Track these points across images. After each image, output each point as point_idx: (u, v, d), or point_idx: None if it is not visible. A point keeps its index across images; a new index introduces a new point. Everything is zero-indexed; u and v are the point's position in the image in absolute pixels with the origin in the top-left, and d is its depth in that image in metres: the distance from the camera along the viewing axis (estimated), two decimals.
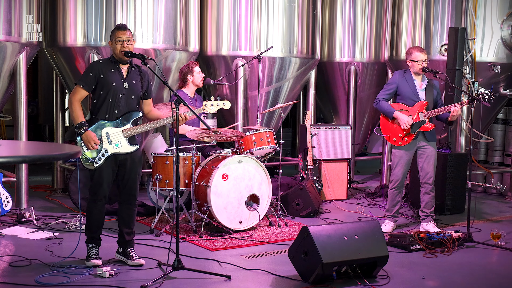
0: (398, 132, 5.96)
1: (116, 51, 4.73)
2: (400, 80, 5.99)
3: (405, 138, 5.94)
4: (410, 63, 5.97)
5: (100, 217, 4.86)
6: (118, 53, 4.71)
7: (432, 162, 5.98)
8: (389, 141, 6.07)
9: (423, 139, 5.98)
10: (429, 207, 6.06)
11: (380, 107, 6.00)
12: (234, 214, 5.83)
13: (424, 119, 5.90)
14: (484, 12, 7.61)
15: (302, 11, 8.14)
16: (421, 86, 5.99)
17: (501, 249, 5.56)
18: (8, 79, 6.66)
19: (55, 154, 3.77)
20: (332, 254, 4.37)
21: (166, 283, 4.38)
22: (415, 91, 5.96)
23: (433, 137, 6.01)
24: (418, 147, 6.00)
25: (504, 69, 7.66)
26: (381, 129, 6.07)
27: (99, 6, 6.90)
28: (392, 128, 6.00)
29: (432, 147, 6.00)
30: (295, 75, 8.28)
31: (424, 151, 5.99)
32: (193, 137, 6.05)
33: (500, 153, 8.64)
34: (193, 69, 6.69)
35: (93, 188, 4.79)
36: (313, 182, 6.98)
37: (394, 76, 6.07)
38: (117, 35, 4.73)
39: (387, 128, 6.04)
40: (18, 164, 6.55)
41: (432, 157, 5.98)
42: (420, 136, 5.97)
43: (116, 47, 4.72)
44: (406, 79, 5.98)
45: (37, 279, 4.39)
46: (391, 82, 6.06)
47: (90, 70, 4.71)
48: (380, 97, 6.03)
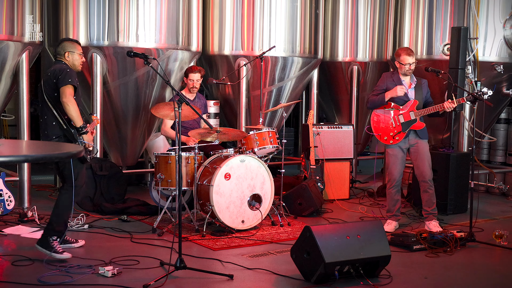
0: (389, 131, 6.00)
1: (78, 63, 5.11)
2: (389, 82, 6.03)
3: (396, 137, 5.98)
4: (398, 65, 6.02)
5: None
6: (79, 65, 5.12)
7: (426, 159, 5.99)
8: (380, 140, 6.11)
9: (415, 137, 6.01)
10: (430, 205, 6.06)
11: (371, 102, 6.05)
12: (236, 214, 5.83)
13: (415, 117, 5.93)
14: (486, 12, 7.60)
15: (304, 11, 8.14)
16: (410, 86, 6.02)
17: (504, 248, 5.55)
18: (11, 79, 6.67)
19: (58, 154, 3.77)
20: (335, 253, 4.37)
21: (169, 282, 4.38)
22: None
23: (425, 135, 6.03)
24: (411, 145, 6.03)
25: (507, 68, 7.65)
26: (372, 128, 6.11)
27: (102, 5, 6.90)
28: (382, 127, 6.04)
29: (424, 145, 6.02)
30: (298, 74, 8.28)
31: (416, 149, 6.02)
32: (195, 137, 6.05)
33: (503, 152, 8.63)
34: (189, 73, 6.66)
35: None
36: (315, 181, 6.97)
37: (382, 78, 6.13)
38: (79, 49, 5.12)
39: (377, 127, 6.08)
40: (21, 164, 6.56)
41: (425, 154, 6.00)
42: (411, 134, 6.00)
43: (77, 59, 5.11)
44: (394, 80, 6.02)
45: (40, 278, 4.40)
46: (379, 84, 6.11)
47: (75, 77, 5.02)
48: (369, 97, 6.10)
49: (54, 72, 4.96)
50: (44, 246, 4.87)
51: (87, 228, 5.93)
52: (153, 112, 5.77)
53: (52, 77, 4.95)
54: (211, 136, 5.94)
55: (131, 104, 7.38)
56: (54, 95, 4.96)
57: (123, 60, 7.04)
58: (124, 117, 7.46)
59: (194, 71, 6.69)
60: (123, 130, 7.59)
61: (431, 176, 6.05)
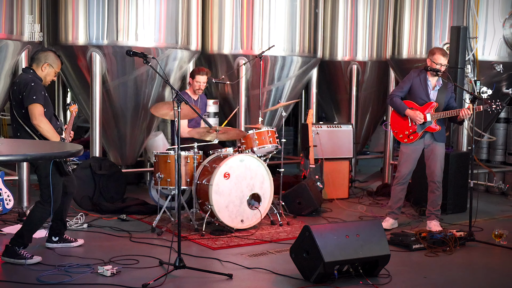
0: (405, 130, 6.00)
1: (49, 79, 4.97)
2: (415, 79, 6.00)
3: (410, 136, 5.98)
4: (429, 62, 5.96)
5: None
6: (49, 80, 4.98)
7: (438, 161, 5.98)
8: (396, 137, 6.14)
9: (431, 139, 5.99)
10: (434, 205, 6.07)
11: (393, 103, 6.03)
12: (235, 213, 5.82)
13: (430, 120, 5.91)
14: (486, 11, 7.60)
15: (304, 10, 8.14)
16: (434, 87, 5.99)
17: (503, 248, 5.55)
18: (10, 78, 6.66)
19: (57, 153, 3.77)
20: (334, 253, 4.36)
21: (168, 281, 4.38)
22: (426, 91, 5.96)
23: (441, 138, 6.02)
24: (426, 145, 6.01)
25: (506, 68, 7.65)
26: (391, 124, 6.12)
27: (101, 4, 6.90)
28: (400, 124, 6.04)
29: (439, 147, 6.01)
30: (297, 73, 8.27)
31: (431, 150, 6.01)
32: (194, 136, 6.05)
33: (502, 152, 8.62)
34: (196, 75, 6.67)
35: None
36: (314, 181, 6.97)
37: (410, 75, 6.07)
38: (58, 67, 4.99)
39: (396, 124, 6.08)
40: (20, 163, 6.55)
41: (438, 156, 5.99)
42: (428, 136, 5.99)
43: (51, 75, 4.96)
44: (420, 78, 5.98)
45: (39, 277, 4.39)
46: (406, 80, 6.07)
47: (41, 90, 4.83)
48: (393, 93, 6.08)
49: (19, 86, 4.78)
50: (14, 257, 4.72)
51: (86, 227, 5.93)
52: (152, 112, 5.77)
53: (18, 93, 4.76)
54: (210, 135, 5.94)
55: (130, 103, 7.37)
56: (23, 112, 4.78)
57: (123, 59, 7.03)
58: (123, 116, 7.46)
59: (201, 73, 6.69)
60: (123, 129, 7.59)
61: (440, 178, 6.04)
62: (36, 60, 4.92)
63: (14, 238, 4.79)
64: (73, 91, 7.81)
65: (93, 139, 7.10)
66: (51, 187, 4.67)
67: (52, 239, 5.18)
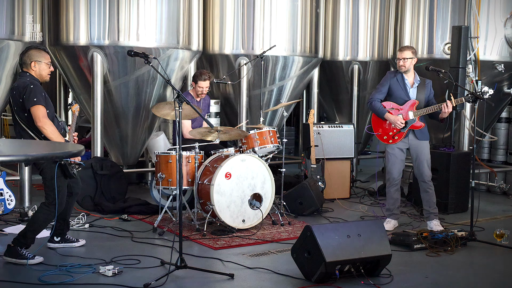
0: (388, 131, 6.01)
1: (45, 73, 4.89)
2: (392, 80, 6.03)
3: (395, 137, 5.99)
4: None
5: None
6: (46, 75, 4.91)
7: (425, 160, 5.99)
8: (380, 139, 6.12)
9: (415, 137, 6.00)
10: (430, 205, 6.06)
11: (372, 107, 6.05)
12: (237, 213, 5.82)
13: (414, 117, 5.93)
14: (487, 11, 7.59)
15: (305, 10, 8.14)
16: (412, 85, 6.01)
17: (505, 248, 5.54)
18: (12, 78, 6.67)
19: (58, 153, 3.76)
20: (335, 253, 4.36)
21: (169, 281, 4.38)
22: (405, 90, 5.99)
23: (424, 136, 6.02)
24: (410, 144, 6.02)
25: (508, 67, 7.65)
26: (373, 127, 6.12)
27: (102, 4, 6.90)
28: (382, 126, 6.04)
29: (423, 144, 6.01)
30: (298, 73, 8.28)
31: (415, 149, 6.02)
32: (195, 137, 6.05)
33: (504, 151, 8.62)
34: (199, 81, 6.64)
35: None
36: (316, 181, 6.97)
37: (386, 76, 6.14)
38: (46, 58, 4.89)
39: (378, 126, 6.10)
40: (21, 163, 6.56)
41: (424, 156, 5.99)
42: (411, 134, 6.00)
43: (44, 68, 4.88)
44: (397, 78, 6.02)
45: (41, 277, 4.40)
46: (383, 82, 6.11)
47: (41, 91, 4.79)
48: (373, 97, 6.09)
49: (18, 90, 4.74)
50: (16, 257, 4.73)
51: (88, 228, 5.93)
52: (153, 112, 5.77)
53: (18, 97, 4.73)
54: (212, 135, 5.94)
55: (131, 103, 7.38)
56: (25, 116, 4.76)
57: (124, 60, 7.03)
58: (124, 116, 7.46)
59: (203, 78, 6.64)
60: (124, 129, 7.59)
61: (430, 177, 6.05)
62: (23, 64, 4.88)
63: (17, 238, 4.80)
64: (75, 92, 7.82)
65: (94, 139, 7.10)
66: (56, 189, 4.65)
67: (54, 239, 5.19)
